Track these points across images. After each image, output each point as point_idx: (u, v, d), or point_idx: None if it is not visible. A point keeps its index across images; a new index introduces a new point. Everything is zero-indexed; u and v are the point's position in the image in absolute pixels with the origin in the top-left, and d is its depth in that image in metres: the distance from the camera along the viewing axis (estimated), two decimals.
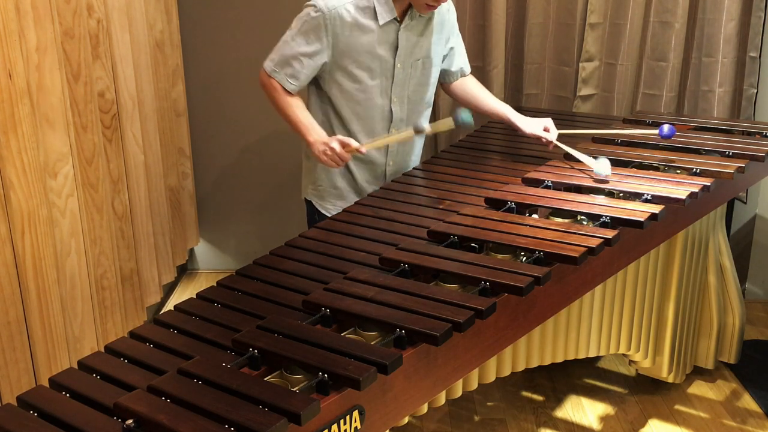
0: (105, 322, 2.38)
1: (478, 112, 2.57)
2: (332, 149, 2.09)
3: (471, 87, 2.50)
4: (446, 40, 2.37)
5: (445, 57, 2.40)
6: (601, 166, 2.08)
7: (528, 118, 2.39)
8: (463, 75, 2.49)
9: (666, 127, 2.28)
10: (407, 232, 1.84)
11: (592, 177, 2.09)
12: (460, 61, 2.47)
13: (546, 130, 2.35)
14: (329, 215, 2.31)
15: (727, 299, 2.66)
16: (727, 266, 2.63)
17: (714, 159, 2.25)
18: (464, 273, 1.57)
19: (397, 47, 2.21)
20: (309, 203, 2.42)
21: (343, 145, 2.09)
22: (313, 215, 2.40)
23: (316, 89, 2.29)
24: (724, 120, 2.88)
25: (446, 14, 2.33)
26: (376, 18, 2.15)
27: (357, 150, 2.09)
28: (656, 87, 3.15)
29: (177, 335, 1.44)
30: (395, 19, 2.17)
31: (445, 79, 2.48)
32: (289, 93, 2.22)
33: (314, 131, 2.18)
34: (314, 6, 2.13)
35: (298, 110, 2.21)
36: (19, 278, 1.91)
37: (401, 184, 2.24)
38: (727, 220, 2.88)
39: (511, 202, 1.94)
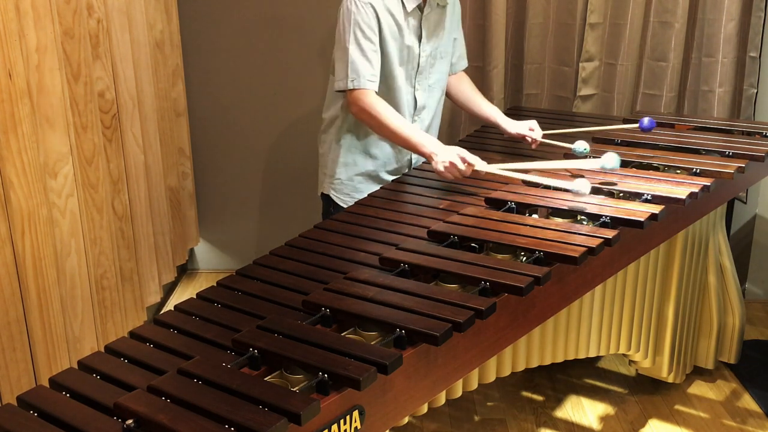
0: (105, 322, 2.38)
1: (466, 112, 2.64)
2: (453, 165, 2.04)
3: (465, 86, 2.56)
4: (453, 31, 2.43)
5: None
6: (580, 185, 1.92)
7: (513, 120, 2.47)
8: (461, 68, 2.55)
9: (646, 120, 2.31)
10: (407, 232, 1.84)
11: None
12: (461, 53, 2.53)
13: (531, 130, 2.43)
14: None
15: (727, 299, 2.66)
16: (727, 266, 2.63)
17: (714, 159, 2.25)
18: (464, 273, 1.56)
19: (421, 35, 2.27)
20: (326, 197, 2.44)
21: (465, 162, 2.05)
22: (329, 209, 2.42)
23: None
24: (724, 120, 2.88)
25: (455, 5, 2.40)
26: (403, 6, 2.21)
27: (478, 171, 2.05)
28: (656, 87, 3.15)
29: (177, 335, 1.44)
30: (419, 6, 2.23)
31: None
32: (378, 101, 2.18)
33: (429, 143, 2.13)
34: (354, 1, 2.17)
35: (403, 128, 2.16)
36: (19, 278, 1.91)
37: (402, 183, 2.25)
38: (727, 220, 2.88)
39: (511, 202, 1.94)
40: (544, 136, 2.43)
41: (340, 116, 2.35)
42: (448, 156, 2.05)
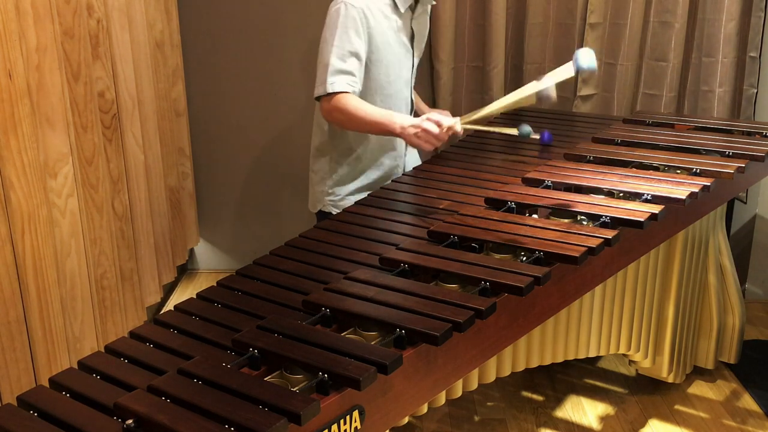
0: (105, 322, 2.38)
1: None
2: (425, 131, 1.98)
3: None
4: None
5: None
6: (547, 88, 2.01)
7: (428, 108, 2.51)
8: None
9: (546, 135, 2.39)
10: (407, 232, 1.84)
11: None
12: None
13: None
14: None
15: (727, 299, 2.66)
16: (727, 266, 2.63)
17: (714, 159, 2.25)
18: (464, 273, 1.57)
19: (413, 36, 2.27)
20: (325, 214, 2.38)
21: (438, 124, 1.98)
22: None
23: None
24: (724, 120, 2.88)
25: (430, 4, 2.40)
26: (396, 7, 2.20)
27: (453, 128, 1.97)
28: (656, 87, 3.15)
29: (177, 335, 1.44)
30: (410, 6, 2.23)
31: None
32: (353, 99, 2.11)
33: (398, 118, 2.08)
34: (344, 2, 2.12)
35: (368, 111, 2.10)
36: (19, 278, 1.91)
37: (402, 183, 2.24)
38: (727, 220, 2.88)
39: (511, 202, 1.94)
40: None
41: (337, 134, 2.31)
42: (418, 123, 2.00)
